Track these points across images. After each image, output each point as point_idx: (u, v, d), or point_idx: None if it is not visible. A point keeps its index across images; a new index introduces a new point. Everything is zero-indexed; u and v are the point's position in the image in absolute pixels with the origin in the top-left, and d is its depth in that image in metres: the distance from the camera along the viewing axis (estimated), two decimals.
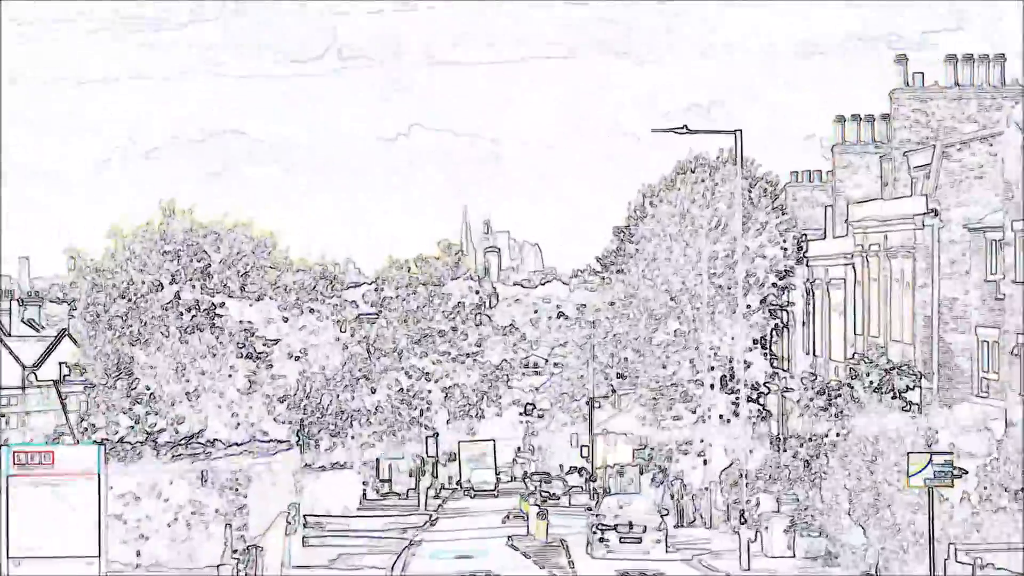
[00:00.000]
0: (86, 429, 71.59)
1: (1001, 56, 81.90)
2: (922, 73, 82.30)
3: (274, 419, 75.79)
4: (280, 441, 67.78)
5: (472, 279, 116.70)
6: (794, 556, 73.13)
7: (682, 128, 77.11)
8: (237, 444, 64.59)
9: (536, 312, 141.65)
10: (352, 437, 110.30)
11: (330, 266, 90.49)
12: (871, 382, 72.20)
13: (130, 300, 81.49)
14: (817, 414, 71.68)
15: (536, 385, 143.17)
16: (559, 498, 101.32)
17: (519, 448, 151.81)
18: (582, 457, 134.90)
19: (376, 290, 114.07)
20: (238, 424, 72.78)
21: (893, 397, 71.78)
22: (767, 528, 73.76)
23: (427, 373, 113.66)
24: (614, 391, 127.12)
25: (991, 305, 73.83)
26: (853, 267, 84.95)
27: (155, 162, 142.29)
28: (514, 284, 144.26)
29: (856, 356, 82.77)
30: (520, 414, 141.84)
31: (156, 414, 70.28)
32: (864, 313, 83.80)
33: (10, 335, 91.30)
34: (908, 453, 60.92)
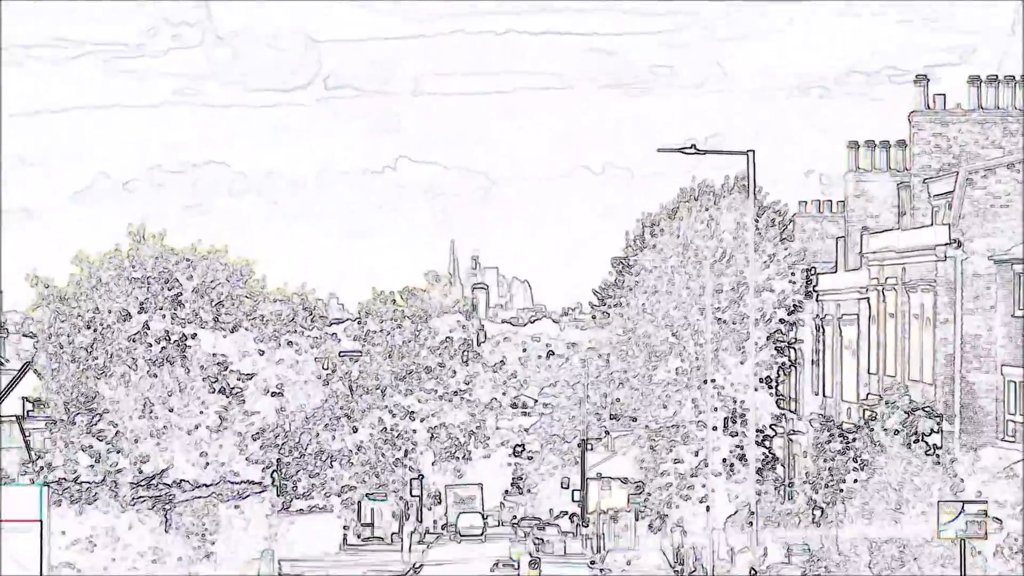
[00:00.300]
0: (42, 468, 65.96)
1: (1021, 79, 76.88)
2: (943, 95, 77.25)
3: (246, 459, 70.13)
4: (252, 483, 61.98)
5: (460, 313, 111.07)
6: None
7: (690, 148, 71.76)
8: (206, 486, 58.96)
9: (525, 351, 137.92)
10: (332, 479, 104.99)
11: (310, 296, 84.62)
12: (892, 424, 66.89)
13: (95, 330, 76.06)
14: (834, 458, 66.23)
15: (525, 426, 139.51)
16: (555, 543, 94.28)
17: (507, 491, 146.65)
18: (573, 501, 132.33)
19: (359, 323, 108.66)
20: (207, 464, 67.25)
21: (915, 441, 66.49)
22: None
23: (412, 412, 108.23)
24: (607, 433, 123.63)
25: (1019, 342, 68.43)
26: (868, 302, 79.70)
27: (132, 193, 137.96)
28: (502, 321, 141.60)
29: (871, 397, 77.69)
30: (509, 455, 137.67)
31: (118, 452, 64.77)
32: (880, 351, 78.47)
33: None
34: (939, 502, 55.89)
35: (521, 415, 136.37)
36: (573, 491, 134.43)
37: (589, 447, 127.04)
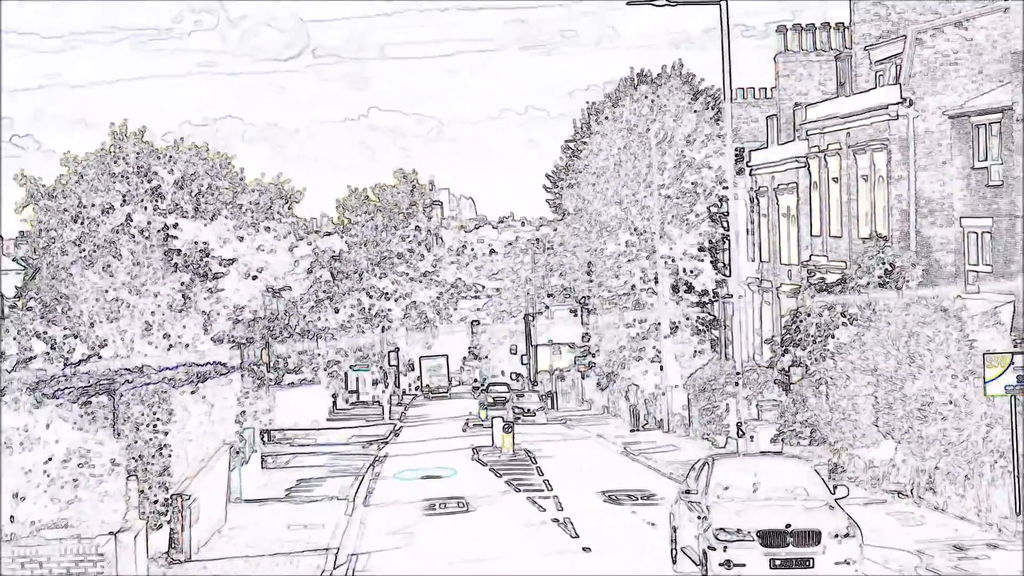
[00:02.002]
0: None
1: None
2: None
3: (213, 340, 48.57)
4: (221, 364, 39.66)
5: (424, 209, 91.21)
6: None
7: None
8: (169, 368, 36.71)
9: (472, 249, 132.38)
10: (319, 354, 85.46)
11: (286, 186, 62.87)
12: (879, 275, 45.93)
13: (82, 223, 54.15)
14: (821, 313, 44.92)
15: (479, 306, 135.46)
16: (535, 414, 74.08)
17: (465, 358, 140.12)
18: (523, 364, 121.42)
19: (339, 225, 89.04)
20: (170, 347, 45.48)
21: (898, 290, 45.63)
22: (752, 438, 47.56)
23: (386, 293, 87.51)
24: (547, 308, 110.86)
25: (981, 194, 48.92)
26: (807, 169, 59.03)
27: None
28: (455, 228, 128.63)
29: (814, 257, 57.11)
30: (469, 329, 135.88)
31: (75, 336, 42.53)
32: (823, 213, 58.02)
33: None
34: (985, 354, 34.89)
35: (473, 298, 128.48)
36: (521, 356, 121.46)
37: (532, 320, 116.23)
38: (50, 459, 29.91)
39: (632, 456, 56.04)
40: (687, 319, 68.34)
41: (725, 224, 67.26)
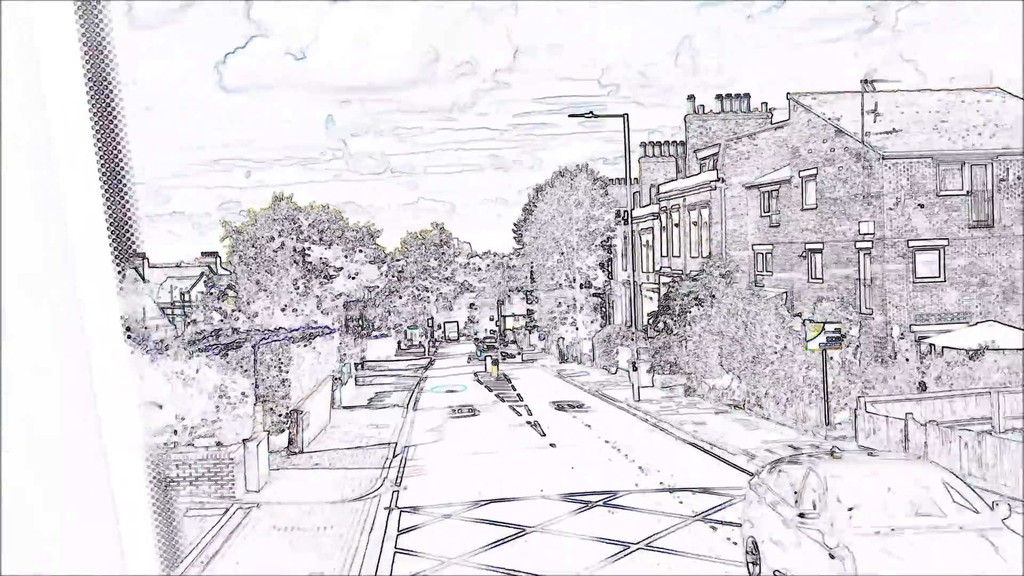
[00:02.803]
0: (192, 321, 34.49)
1: (744, 95, 47.76)
2: (703, 105, 47.76)
3: (324, 312, 39.41)
4: (326, 327, 30.61)
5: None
6: (653, 386, 37.33)
7: (589, 114, 42.24)
8: (293, 329, 27.60)
9: (470, 266, 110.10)
10: (389, 320, 76.38)
11: (371, 228, 54.01)
12: (718, 275, 37.39)
13: (256, 248, 44.69)
14: (686, 295, 36.25)
15: (473, 297, 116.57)
16: (515, 356, 64.57)
17: (466, 322, 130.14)
18: (496, 326, 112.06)
19: (401, 252, 79.53)
20: (297, 315, 36.23)
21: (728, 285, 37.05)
22: (636, 369, 38.88)
23: (426, 287, 78.35)
24: (509, 296, 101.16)
25: (765, 231, 40.27)
26: (659, 219, 50.35)
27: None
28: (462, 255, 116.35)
29: (663, 269, 48.56)
30: (468, 307, 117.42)
31: (239, 310, 33.38)
32: (667, 245, 49.39)
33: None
34: (805, 321, 26.46)
35: (469, 292, 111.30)
36: (495, 321, 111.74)
37: (501, 303, 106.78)
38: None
39: (564, 379, 47.40)
40: (587, 302, 59.70)
41: (610, 250, 58.60)
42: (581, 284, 58.77)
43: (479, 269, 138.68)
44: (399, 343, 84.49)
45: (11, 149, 11.73)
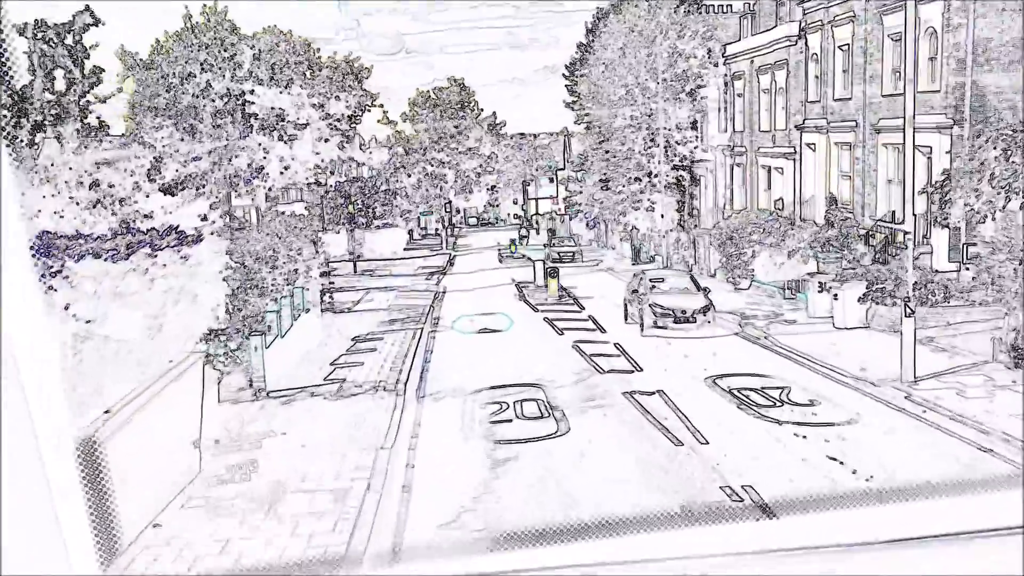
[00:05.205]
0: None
1: None
2: None
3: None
4: (182, 232, 10.45)
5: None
6: (868, 326, 17.44)
7: None
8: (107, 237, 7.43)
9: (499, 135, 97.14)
10: (396, 207, 57.21)
11: (356, 63, 33.96)
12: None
13: (169, 90, 23.77)
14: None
15: (494, 180, 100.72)
16: (574, 258, 43.86)
17: (486, 206, 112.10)
18: (523, 210, 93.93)
19: (411, 107, 59.69)
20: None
21: None
22: (836, 297, 18.97)
23: (443, 162, 58.59)
24: (534, 176, 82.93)
25: None
26: (804, 40, 30.71)
27: None
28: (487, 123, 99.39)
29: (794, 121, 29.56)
30: (487, 189, 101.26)
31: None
32: (829, 83, 30.07)
33: None
34: None
35: (490, 175, 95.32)
36: (521, 205, 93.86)
37: (527, 184, 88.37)
38: None
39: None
40: (669, 178, 40.56)
41: (703, 101, 38.99)
42: (666, 149, 39.56)
43: (505, 145, 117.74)
44: (411, 232, 66.77)
45: None
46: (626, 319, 25.02)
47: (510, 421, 13.01)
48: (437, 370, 16.73)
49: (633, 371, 16.77)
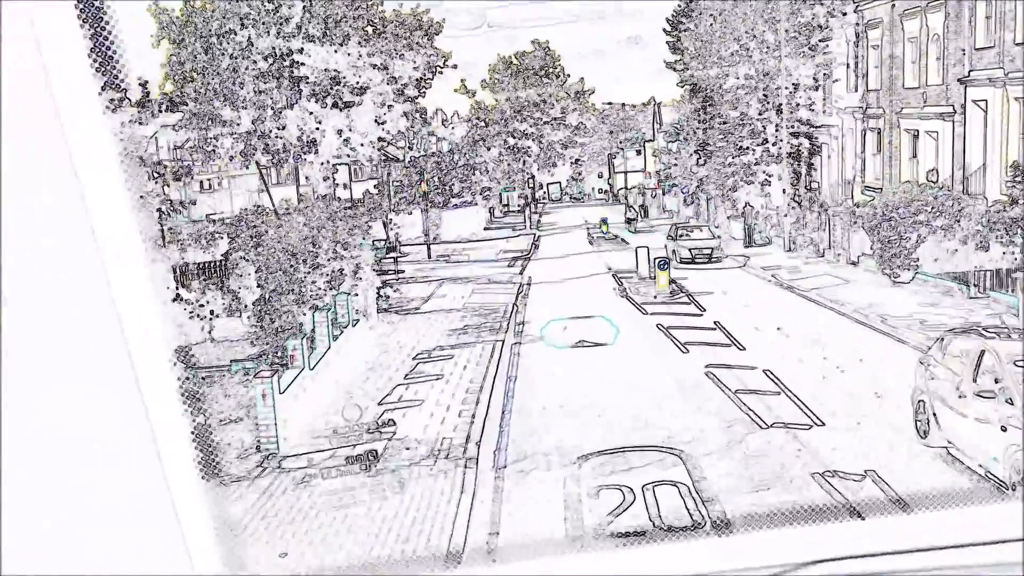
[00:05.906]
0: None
1: None
2: None
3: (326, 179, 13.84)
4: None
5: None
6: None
7: None
8: None
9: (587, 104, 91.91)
10: (476, 183, 52.13)
11: (425, 16, 28.74)
12: None
13: (207, 51, 18.57)
14: None
15: (578, 153, 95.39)
16: (712, 256, 37.02)
17: (568, 180, 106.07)
18: (608, 183, 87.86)
19: (491, 74, 54.33)
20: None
21: None
22: None
23: (526, 133, 53.11)
24: (622, 149, 76.82)
25: None
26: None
27: None
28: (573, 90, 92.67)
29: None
30: (571, 164, 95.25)
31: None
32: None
33: None
34: None
35: (574, 147, 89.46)
36: (606, 179, 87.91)
37: (613, 157, 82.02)
38: None
39: (797, 292, 23.16)
40: (787, 147, 34.38)
41: (828, 56, 32.69)
42: (778, 109, 33.57)
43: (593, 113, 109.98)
44: (491, 211, 61.59)
45: None
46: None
47: (643, 535, 7.66)
48: (522, 413, 11.61)
49: (811, 426, 11.09)
